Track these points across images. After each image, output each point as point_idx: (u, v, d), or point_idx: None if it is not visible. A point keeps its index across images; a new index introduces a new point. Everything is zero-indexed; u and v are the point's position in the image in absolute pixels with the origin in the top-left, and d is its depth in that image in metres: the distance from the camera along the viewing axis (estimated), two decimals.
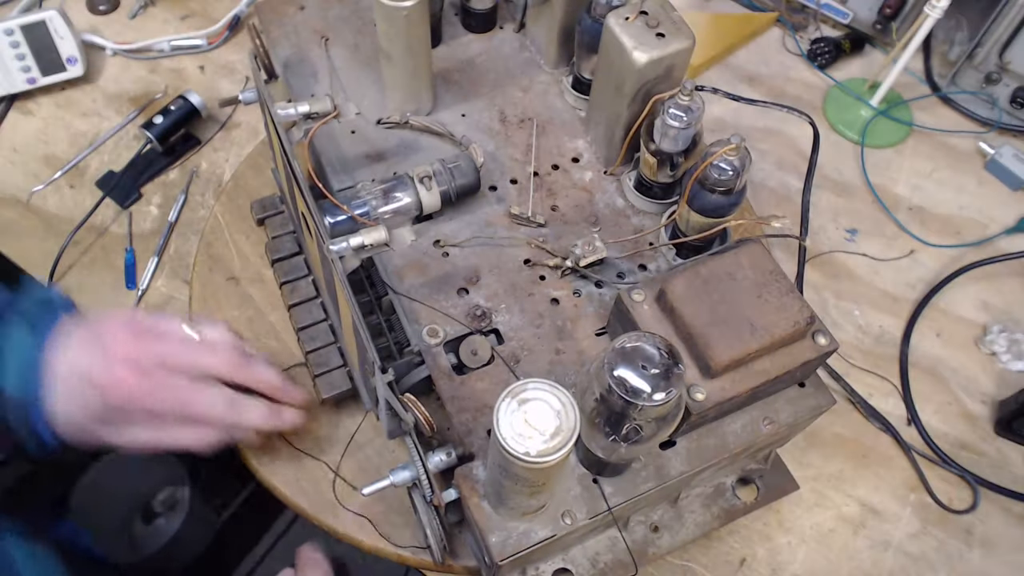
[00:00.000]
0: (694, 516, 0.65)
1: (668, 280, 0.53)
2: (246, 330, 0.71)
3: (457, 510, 0.56)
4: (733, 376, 0.51)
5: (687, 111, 0.58)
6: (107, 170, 0.84)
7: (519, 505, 0.49)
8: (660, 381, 0.42)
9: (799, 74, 0.97)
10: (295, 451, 0.66)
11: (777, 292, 0.52)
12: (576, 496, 0.52)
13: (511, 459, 0.41)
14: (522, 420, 0.41)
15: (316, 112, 0.59)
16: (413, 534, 0.63)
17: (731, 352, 0.50)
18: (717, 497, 0.66)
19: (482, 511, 0.52)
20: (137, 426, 0.56)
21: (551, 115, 0.71)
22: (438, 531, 0.56)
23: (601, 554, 0.61)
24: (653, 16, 0.59)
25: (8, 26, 0.84)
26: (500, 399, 0.41)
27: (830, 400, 0.57)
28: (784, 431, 0.57)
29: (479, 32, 0.76)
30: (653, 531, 0.64)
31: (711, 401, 0.51)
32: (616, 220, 0.66)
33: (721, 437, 0.55)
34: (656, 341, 0.43)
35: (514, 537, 0.51)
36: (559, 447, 0.41)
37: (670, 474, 0.54)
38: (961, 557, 0.69)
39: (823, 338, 0.53)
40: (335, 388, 0.64)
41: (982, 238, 0.85)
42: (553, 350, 0.59)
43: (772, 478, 0.66)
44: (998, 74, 0.91)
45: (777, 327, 0.51)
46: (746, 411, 0.56)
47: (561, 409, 0.42)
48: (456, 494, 0.53)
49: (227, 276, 0.74)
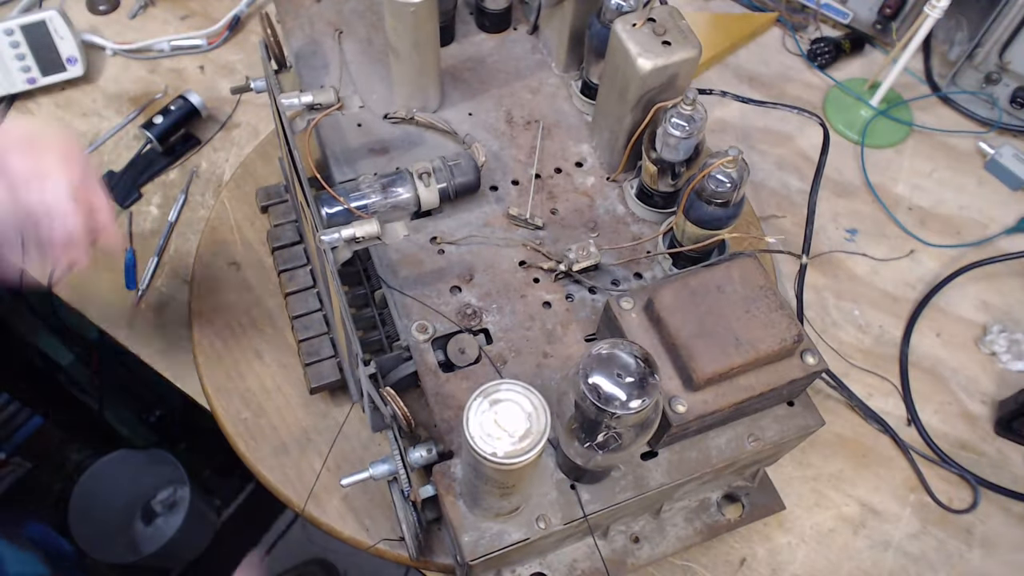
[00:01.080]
0: (676, 529, 0.64)
1: (656, 290, 0.52)
2: (244, 315, 0.72)
3: (435, 507, 0.56)
4: (716, 390, 0.51)
5: (689, 121, 0.58)
6: (107, 170, 0.84)
7: (492, 506, 0.49)
8: (635, 390, 0.42)
9: (799, 74, 0.97)
10: (282, 439, 0.66)
11: (766, 308, 0.52)
12: (552, 501, 0.52)
13: (479, 459, 0.41)
14: (492, 420, 0.41)
15: (319, 103, 0.60)
16: (392, 528, 0.63)
17: (714, 365, 0.50)
18: (701, 512, 0.65)
19: (457, 509, 0.51)
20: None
21: (558, 118, 0.71)
22: (414, 526, 0.56)
23: (579, 561, 0.61)
24: (661, 24, 0.59)
25: (8, 26, 0.84)
26: (472, 398, 0.41)
27: (819, 421, 0.56)
28: (770, 449, 0.56)
29: (492, 32, 0.76)
30: (633, 541, 0.63)
31: (692, 414, 0.50)
32: (615, 227, 0.66)
33: (704, 451, 0.54)
34: (633, 349, 0.43)
35: (487, 537, 0.51)
36: (527, 449, 0.40)
37: (649, 485, 0.53)
38: (961, 557, 0.68)
39: (811, 357, 0.53)
40: (324, 378, 0.64)
41: (982, 238, 0.85)
42: (541, 353, 0.59)
43: (758, 496, 0.66)
44: (998, 74, 0.90)
45: (763, 343, 0.50)
46: (731, 426, 0.55)
47: (532, 412, 0.41)
48: (433, 491, 0.53)
49: (229, 261, 0.75)
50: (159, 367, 0.74)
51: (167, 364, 0.74)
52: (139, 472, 1.43)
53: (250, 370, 0.70)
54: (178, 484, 1.47)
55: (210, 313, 0.72)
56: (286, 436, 0.67)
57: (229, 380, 0.69)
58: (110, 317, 0.76)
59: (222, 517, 1.56)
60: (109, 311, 0.77)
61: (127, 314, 0.76)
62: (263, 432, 0.67)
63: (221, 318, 0.72)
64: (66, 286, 0.77)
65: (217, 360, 0.70)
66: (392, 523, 0.63)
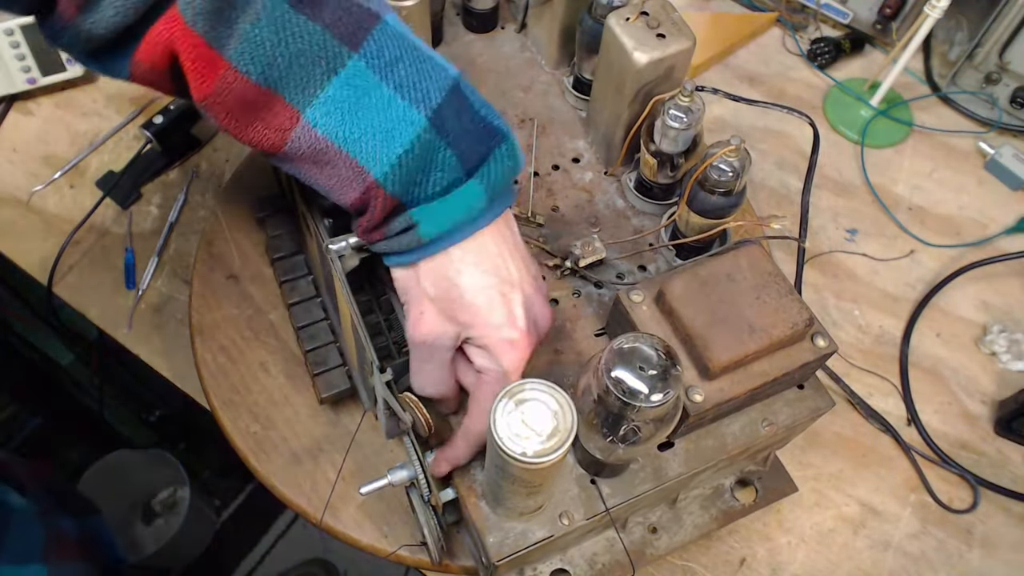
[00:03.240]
0: (692, 518, 0.64)
1: (667, 281, 0.53)
2: (245, 328, 0.71)
3: (455, 510, 0.56)
4: (732, 378, 0.51)
5: (687, 112, 0.58)
6: (107, 170, 0.84)
7: (516, 505, 0.49)
8: (658, 382, 0.42)
9: (799, 74, 0.97)
10: (294, 451, 0.66)
11: (776, 293, 0.52)
12: (574, 497, 0.52)
13: (508, 460, 0.41)
14: (519, 420, 0.41)
15: None
16: (411, 534, 0.63)
17: (730, 353, 0.50)
18: (716, 499, 0.65)
19: (480, 511, 0.52)
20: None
21: (552, 115, 0.71)
22: (436, 531, 0.56)
23: (599, 555, 0.61)
24: (654, 17, 0.59)
25: (8, 26, 0.84)
26: (497, 399, 0.41)
27: (829, 402, 0.57)
28: (783, 433, 0.57)
29: (480, 32, 0.77)
30: (651, 532, 0.64)
31: (709, 403, 0.51)
32: (616, 221, 0.66)
33: (720, 439, 0.55)
34: (654, 342, 0.43)
35: (511, 537, 0.51)
36: (556, 448, 0.41)
37: (668, 475, 0.54)
38: (961, 557, 0.69)
39: (822, 340, 0.53)
40: (334, 387, 0.64)
41: (982, 238, 0.85)
42: (552, 350, 0.59)
43: (771, 480, 0.66)
44: (998, 74, 0.91)
45: (776, 328, 0.51)
46: (745, 413, 0.56)
47: (558, 409, 0.41)
48: (454, 494, 0.53)
49: (227, 274, 0.74)
50: (159, 367, 0.74)
51: (167, 364, 0.74)
52: (139, 472, 1.42)
53: (256, 383, 0.69)
54: (178, 484, 1.46)
55: (212, 328, 0.71)
56: (297, 447, 0.66)
57: (236, 394, 0.68)
58: (110, 317, 0.76)
59: (222, 517, 1.56)
60: (109, 311, 0.76)
61: (127, 314, 0.76)
62: (274, 445, 0.66)
63: (223, 332, 0.71)
64: (66, 286, 0.77)
65: (223, 375, 0.69)
66: (411, 528, 0.63)
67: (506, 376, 0.49)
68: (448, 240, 0.47)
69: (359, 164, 0.45)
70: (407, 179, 0.45)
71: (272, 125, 0.45)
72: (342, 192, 0.47)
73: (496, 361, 0.49)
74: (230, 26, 0.42)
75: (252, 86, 0.43)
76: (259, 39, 0.42)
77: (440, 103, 0.45)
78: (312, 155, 0.46)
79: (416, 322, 0.50)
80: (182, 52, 0.42)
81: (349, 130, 0.44)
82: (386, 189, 0.45)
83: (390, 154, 0.45)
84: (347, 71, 0.44)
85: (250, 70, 0.42)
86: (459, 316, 0.48)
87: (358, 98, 0.44)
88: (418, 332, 0.50)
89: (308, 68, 0.43)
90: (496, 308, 0.48)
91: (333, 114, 0.44)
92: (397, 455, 0.66)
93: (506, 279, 0.49)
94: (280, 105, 0.44)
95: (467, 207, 0.47)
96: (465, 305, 0.48)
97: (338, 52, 0.43)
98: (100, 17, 0.41)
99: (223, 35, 0.42)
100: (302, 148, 0.45)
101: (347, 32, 0.44)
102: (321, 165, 0.46)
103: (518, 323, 0.48)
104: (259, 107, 0.44)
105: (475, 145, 0.47)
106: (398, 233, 0.47)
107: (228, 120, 0.45)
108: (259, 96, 0.43)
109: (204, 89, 0.43)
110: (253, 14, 0.41)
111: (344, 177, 0.46)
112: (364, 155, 0.45)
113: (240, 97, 0.43)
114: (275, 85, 0.43)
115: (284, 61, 0.43)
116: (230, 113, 0.44)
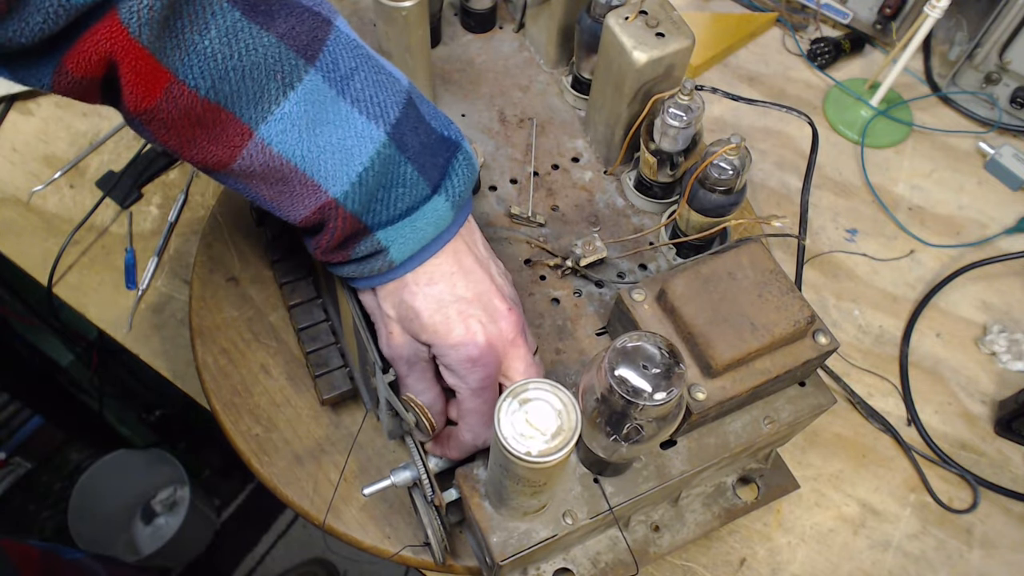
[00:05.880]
0: (695, 516, 0.65)
1: (668, 279, 0.53)
2: (246, 330, 0.71)
3: (458, 510, 0.56)
4: (734, 375, 0.51)
5: (687, 110, 0.58)
6: (107, 170, 0.84)
7: (520, 505, 0.49)
8: (661, 381, 0.42)
9: (799, 74, 0.97)
10: (296, 453, 0.66)
11: (777, 291, 0.52)
12: (577, 496, 0.52)
13: (512, 459, 0.41)
14: (523, 420, 0.41)
15: None
16: (414, 534, 0.63)
17: (732, 351, 0.50)
18: (718, 496, 0.66)
19: (483, 511, 0.52)
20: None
21: (551, 115, 0.71)
22: (439, 531, 0.56)
23: (602, 553, 0.61)
24: (653, 16, 0.59)
25: None
26: (501, 399, 0.41)
27: (831, 399, 0.57)
28: (785, 430, 0.57)
29: (478, 32, 0.77)
30: (654, 531, 0.64)
31: (712, 401, 0.51)
32: (616, 220, 0.66)
33: (722, 436, 0.55)
34: (657, 340, 0.43)
35: (515, 537, 0.51)
36: (560, 447, 0.41)
37: (671, 474, 0.54)
38: (961, 557, 0.69)
39: (824, 337, 0.53)
40: (335, 389, 0.64)
41: (982, 238, 0.85)
42: (554, 350, 0.59)
43: (773, 477, 0.66)
44: (998, 74, 0.91)
45: (778, 326, 0.51)
46: (747, 410, 0.56)
47: (562, 409, 0.42)
48: (457, 494, 0.53)
49: (227, 276, 0.74)
50: (159, 367, 0.74)
51: (167, 364, 0.74)
52: (139, 472, 1.42)
53: (257, 385, 0.69)
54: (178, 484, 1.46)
55: (212, 331, 0.71)
56: (299, 449, 0.66)
57: (237, 397, 0.68)
58: (110, 317, 0.76)
59: (222, 517, 1.56)
60: (109, 311, 0.76)
61: (127, 314, 0.76)
62: (276, 447, 0.66)
63: (224, 335, 0.71)
64: (66, 286, 0.77)
65: (224, 378, 0.69)
66: (413, 529, 0.63)
67: (474, 393, 0.49)
68: (418, 260, 0.47)
69: (315, 182, 0.43)
70: (368, 196, 0.44)
71: (220, 141, 0.42)
72: (291, 209, 0.45)
73: (463, 379, 0.49)
74: (177, 37, 0.39)
75: (200, 100, 0.40)
76: (209, 51, 0.39)
77: (398, 117, 0.44)
78: (263, 173, 0.44)
79: (387, 340, 0.50)
80: (123, 63, 0.39)
81: (307, 148, 0.43)
82: (346, 208, 0.44)
83: (350, 172, 0.43)
84: (304, 86, 0.42)
85: (199, 84, 0.40)
86: (420, 337, 0.48)
87: (316, 114, 0.42)
88: (391, 349, 0.50)
89: (262, 82, 0.41)
90: (454, 327, 0.48)
91: (290, 132, 0.42)
92: (399, 456, 0.66)
93: (462, 296, 0.48)
94: (230, 121, 0.42)
95: (435, 224, 0.46)
96: (423, 326, 0.48)
97: (294, 65, 0.41)
98: (26, 23, 0.36)
99: (169, 47, 0.39)
100: (253, 166, 0.43)
101: (302, 43, 0.42)
102: (271, 183, 0.44)
103: (477, 339, 0.48)
104: (206, 123, 0.42)
105: (433, 158, 0.46)
106: (365, 256, 0.46)
107: (168, 136, 0.42)
108: (207, 111, 0.41)
109: (144, 103, 0.40)
110: (203, 24, 0.39)
111: (296, 195, 0.44)
112: (321, 174, 0.43)
113: (185, 112, 0.41)
114: (225, 101, 0.41)
115: (237, 75, 0.40)
116: (172, 129, 0.42)
